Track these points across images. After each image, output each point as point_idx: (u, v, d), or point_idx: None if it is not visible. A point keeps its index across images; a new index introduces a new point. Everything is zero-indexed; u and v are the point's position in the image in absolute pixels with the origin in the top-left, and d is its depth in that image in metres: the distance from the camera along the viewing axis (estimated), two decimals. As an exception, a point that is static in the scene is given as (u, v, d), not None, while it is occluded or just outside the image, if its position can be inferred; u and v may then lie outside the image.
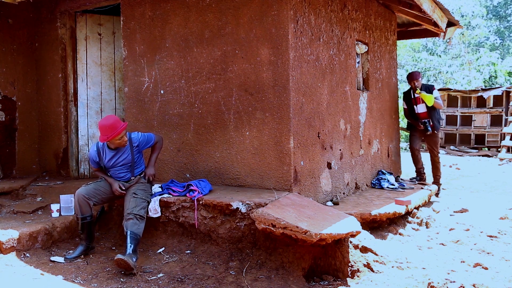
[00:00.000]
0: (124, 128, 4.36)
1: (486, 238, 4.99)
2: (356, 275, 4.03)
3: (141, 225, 4.29)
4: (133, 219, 4.24)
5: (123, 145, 4.43)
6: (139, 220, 4.28)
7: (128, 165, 4.54)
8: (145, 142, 4.61)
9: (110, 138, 4.29)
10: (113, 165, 4.51)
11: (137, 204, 4.34)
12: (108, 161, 4.49)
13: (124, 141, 4.40)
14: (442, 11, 6.58)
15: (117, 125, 4.30)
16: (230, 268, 4.05)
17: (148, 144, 4.65)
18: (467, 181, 9.15)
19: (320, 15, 5.17)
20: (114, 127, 4.28)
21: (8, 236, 4.21)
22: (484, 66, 21.96)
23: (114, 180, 4.50)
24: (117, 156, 4.49)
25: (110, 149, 4.49)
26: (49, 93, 6.58)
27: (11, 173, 6.44)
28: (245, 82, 4.87)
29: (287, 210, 4.05)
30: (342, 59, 5.67)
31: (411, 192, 6.06)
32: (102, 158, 4.51)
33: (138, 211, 4.30)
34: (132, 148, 4.51)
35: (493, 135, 15.62)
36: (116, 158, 4.49)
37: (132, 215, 4.25)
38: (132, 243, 4.11)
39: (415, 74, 7.07)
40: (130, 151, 4.51)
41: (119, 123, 4.33)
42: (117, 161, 4.50)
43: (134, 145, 4.52)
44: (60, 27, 6.42)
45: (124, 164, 4.52)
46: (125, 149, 4.50)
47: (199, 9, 5.11)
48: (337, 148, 5.54)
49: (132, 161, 4.53)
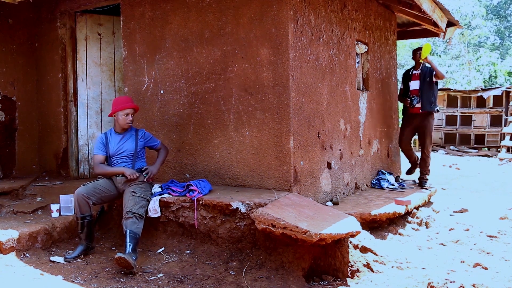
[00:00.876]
0: (134, 107, 4.66)
1: (486, 238, 5.00)
2: (356, 275, 4.03)
3: (140, 224, 4.29)
4: (132, 218, 4.24)
5: (127, 124, 4.63)
6: (138, 219, 4.28)
7: (131, 154, 4.63)
8: (149, 138, 4.79)
9: (117, 109, 4.59)
10: (117, 152, 4.62)
11: (136, 203, 4.34)
12: (113, 146, 4.63)
13: (129, 120, 4.63)
14: (442, 11, 6.58)
15: (128, 100, 4.69)
16: (230, 268, 4.05)
17: (152, 142, 4.81)
18: (467, 181, 9.15)
19: (320, 15, 5.17)
20: (125, 100, 4.66)
21: (8, 236, 4.20)
22: (484, 66, 21.98)
23: (119, 168, 4.58)
24: (122, 141, 4.65)
25: (117, 134, 4.68)
26: (49, 93, 6.58)
27: (11, 173, 6.44)
28: (245, 82, 4.86)
29: (287, 210, 4.05)
30: (342, 59, 5.67)
31: (411, 192, 6.07)
32: (108, 142, 4.67)
33: (137, 209, 4.30)
34: (137, 138, 4.69)
35: (493, 135, 15.64)
36: (121, 144, 4.63)
37: (131, 214, 4.26)
38: (131, 242, 4.11)
39: (420, 47, 6.87)
40: (135, 140, 4.68)
41: (131, 100, 4.71)
42: (121, 147, 4.62)
43: (139, 135, 4.72)
44: (60, 27, 6.42)
45: (127, 152, 4.63)
46: (130, 136, 4.69)
47: (199, 9, 5.11)
48: (337, 148, 5.54)
49: (134, 150, 4.64)
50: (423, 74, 6.75)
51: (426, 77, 6.72)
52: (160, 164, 4.79)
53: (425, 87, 6.70)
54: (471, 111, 16.07)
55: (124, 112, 4.60)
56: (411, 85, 6.85)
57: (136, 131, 4.74)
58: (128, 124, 4.64)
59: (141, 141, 4.71)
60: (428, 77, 6.69)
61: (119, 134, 4.69)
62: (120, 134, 4.68)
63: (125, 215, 4.26)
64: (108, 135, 4.72)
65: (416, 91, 6.77)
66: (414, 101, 6.67)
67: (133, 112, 4.67)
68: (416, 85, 6.78)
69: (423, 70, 6.77)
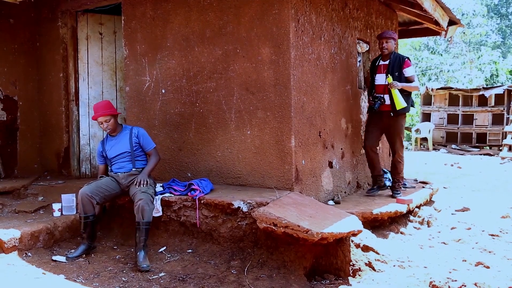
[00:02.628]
0: (112, 114, 4.59)
1: (488, 237, 4.99)
2: (357, 274, 4.03)
3: (151, 206, 4.34)
4: (143, 199, 4.27)
5: (111, 128, 4.60)
6: (149, 203, 4.31)
7: (128, 153, 4.62)
8: (144, 136, 4.71)
9: (97, 116, 4.54)
10: (114, 154, 4.62)
11: (146, 191, 4.37)
12: (110, 149, 4.64)
13: (105, 127, 4.59)
14: (443, 10, 6.58)
15: (107, 107, 4.60)
16: (231, 267, 4.05)
17: (145, 144, 4.68)
18: (469, 180, 9.14)
19: (321, 14, 5.17)
20: (96, 109, 4.59)
21: (10, 235, 4.21)
22: (485, 65, 21.97)
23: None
24: (117, 143, 4.65)
25: (112, 137, 4.69)
26: (50, 92, 6.59)
27: (13, 172, 6.44)
28: (246, 81, 4.86)
29: (288, 209, 4.05)
30: (343, 58, 5.66)
31: (413, 191, 6.06)
32: (105, 148, 4.68)
33: (148, 195, 4.36)
34: (131, 137, 4.65)
35: (494, 133, 15.63)
36: (116, 146, 4.63)
37: (143, 195, 4.29)
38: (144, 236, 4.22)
39: (386, 32, 5.63)
40: (129, 139, 4.64)
41: (109, 106, 4.63)
42: (117, 148, 4.62)
43: (133, 133, 4.67)
44: (61, 27, 6.42)
45: (124, 153, 4.61)
46: (123, 136, 4.66)
47: (200, 8, 5.10)
48: (338, 147, 5.54)
49: (131, 149, 4.62)
50: (391, 66, 5.50)
51: (394, 70, 5.48)
52: (149, 171, 4.59)
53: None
54: (472, 110, 16.05)
55: (98, 122, 4.60)
56: (377, 78, 5.63)
57: (131, 130, 4.69)
58: (107, 131, 4.65)
59: (135, 139, 4.65)
60: (397, 71, 5.46)
61: (113, 136, 4.70)
62: (114, 137, 4.69)
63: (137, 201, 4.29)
64: (105, 140, 4.75)
65: (382, 87, 5.52)
66: (377, 103, 5.45)
67: (107, 119, 4.55)
68: (382, 80, 5.54)
69: (391, 61, 5.52)
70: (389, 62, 5.51)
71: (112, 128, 4.62)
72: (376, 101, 5.45)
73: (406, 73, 5.46)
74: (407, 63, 5.50)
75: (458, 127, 16.35)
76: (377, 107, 5.43)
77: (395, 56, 5.56)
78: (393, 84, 5.33)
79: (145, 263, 4.09)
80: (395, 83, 5.34)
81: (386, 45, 5.51)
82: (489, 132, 15.73)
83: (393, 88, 5.33)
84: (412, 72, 5.52)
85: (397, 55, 5.58)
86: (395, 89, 5.33)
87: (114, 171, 4.62)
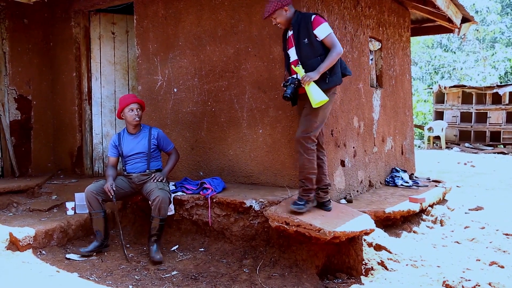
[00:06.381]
0: (138, 101, 4.60)
1: (502, 236, 4.93)
2: (370, 273, 4.01)
3: (168, 203, 4.36)
4: (162, 196, 4.26)
5: (135, 121, 4.56)
6: (166, 200, 4.31)
7: (145, 154, 4.59)
8: (163, 138, 4.71)
9: (123, 106, 4.54)
10: (130, 153, 4.60)
11: (163, 188, 4.38)
12: (127, 147, 4.60)
13: (135, 114, 4.55)
14: (457, 7, 6.51)
15: (132, 96, 4.67)
16: (243, 266, 4.06)
17: (165, 145, 4.70)
18: (482, 179, 9.04)
19: (333, 12, 5.14)
20: (128, 96, 4.63)
21: (24, 233, 4.26)
22: (499, 62, 21.72)
23: (110, 179, 4.52)
24: (135, 141, 4.61)
25: (130, 134, 4.65)
26: (63, 92, 6.64)
27: (27, 171, 6.52)
28: (258, 80, 4.86)
29: (300, 208, 4.03)
30: (355, 56, 5.63)
31: (425, 190, 6.01)
32: (121, 143, 4.64)
33: (166, 192, 4.37)
34: (150, 137, 4.62)
35: (508, 132, 15.44)
36: (134, 144, 4.60)
37: (161, 192, 4.29)
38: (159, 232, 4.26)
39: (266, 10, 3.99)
40: (147, 139, 4.62)
41: (135, 96, 4.68)
42: (134, 147, 4.59)
43: (153, 134, 4.65)
44: (74, 27, 6.47)
45: (140, 153, 4.59)
46: (143, 136, 4.64)
47: (212, 7, 5.11)
48: (350, 145, 5.52)
49: (148, 150, 4.60)
50: (297, 35, 3.97)
51: (302, 37, 3.93)
52: (169, 170, 4.66)
53: (303, 53, 3.95)
54: (486, 107, 15.88)
55: (129, 108, 4.53)
56: (290, 54, 4.12)
57: (150, 130, 4.68)
58: (135, 120, 4.55)
59: (154, 141, 4.64)
60: (305, 37, 3.91)
61: (132, 134, 4.65)
62: (132, 135, 4.65)
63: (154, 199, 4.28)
64: (121, 135, 4.70)
65: (295, 62, 4.01)
66: (289, 89, 3.91)
67: (139, 107, 4.59)
68: (294, 54, 4.05)
69: (294, 28, 3.98)
70: (293, 29, 4.00)
71: (139, 119, 4.60)
72: (287, 86, 3.95)
73: (318, 35, 3.89)
74: (317, 21, 3.90)
75: (472, 125, 16.18)
76: (289, 93, 3.90)
77: (298, 18, 3.97)
78: (305, 80, 3.78)
79: (158, 254, 4.14)
80: (307, 77, 3.78)
81: (276, 21, 4.03)
82: (503, 130, 15.54)
83: (306, 84, 3.79)
84: (326, 31, 3.88)
85: (300, 16, 3.97)
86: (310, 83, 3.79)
87: (128, 170, 4.61)
